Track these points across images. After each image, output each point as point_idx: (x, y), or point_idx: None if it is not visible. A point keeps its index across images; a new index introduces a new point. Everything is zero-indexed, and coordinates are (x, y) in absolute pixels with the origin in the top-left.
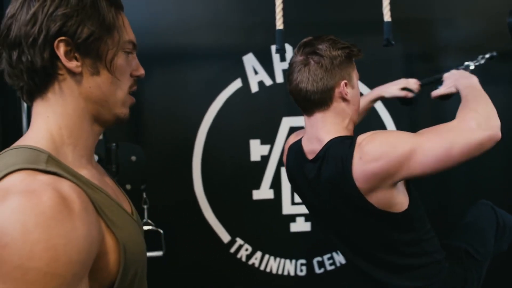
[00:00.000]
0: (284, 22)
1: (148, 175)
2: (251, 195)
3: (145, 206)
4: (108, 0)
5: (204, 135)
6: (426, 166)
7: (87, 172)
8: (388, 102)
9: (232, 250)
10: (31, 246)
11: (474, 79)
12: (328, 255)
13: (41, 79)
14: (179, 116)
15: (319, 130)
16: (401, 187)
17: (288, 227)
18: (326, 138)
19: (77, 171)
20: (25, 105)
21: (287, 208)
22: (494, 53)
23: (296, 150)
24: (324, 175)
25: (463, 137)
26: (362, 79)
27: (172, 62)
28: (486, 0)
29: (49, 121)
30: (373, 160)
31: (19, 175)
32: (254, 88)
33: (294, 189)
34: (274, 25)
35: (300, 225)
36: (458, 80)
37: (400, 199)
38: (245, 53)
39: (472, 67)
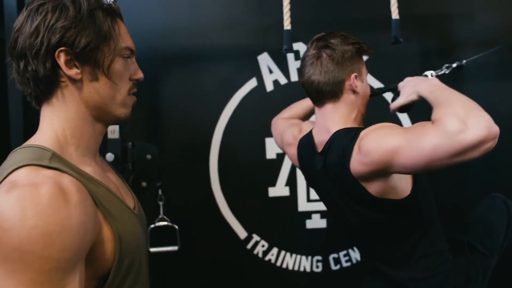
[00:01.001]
0: (299, 22)
1: (166, 172)
2: (267, 192)
3: (161, 203)
4: (105, 11)
5: (220, 134)
6: (411, 166)
7: (90, 169)
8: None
9: (249, 246)
10: (28, 231)
11: (435, 81)
12: (344, 252)
13: (45, 86)
14: (196, 115)
15: (328, 121)
16: (402, 175)
17: (304, 224)
18: (334, 128)
19: (80, 167)
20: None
21: (303, 205)
22: (463, 62)
23: (306, 142)
24: (329, 165)
25: (444, 142)
26: (376, 74)
27: (189, 63)
28: None
29: (54, 123)
30: (365, 154)
31: (25, 170)
32: (269, 87)
33: (307, 181)
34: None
35: (316, 222)
36: (417, 85)
37: (400, 187)
38: (260, 52)
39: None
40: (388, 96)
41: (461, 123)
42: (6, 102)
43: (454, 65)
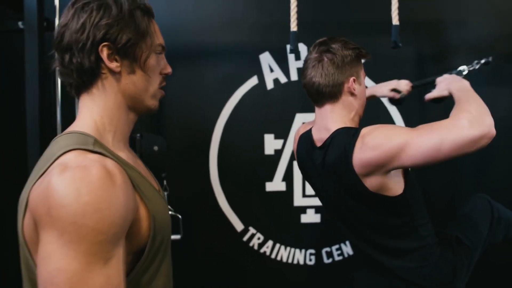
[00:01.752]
0: (299, 23)
1: (168, 164)
2: (264, 186)
3: (166, 193)
4: (142, 10)
5: (221, 129)
6: (416, 159)
7: (124, 154)
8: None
9: (245, 238)
10: (83, 207)
11: (466, 83)
12: (337, 246)
13: (88, 77)
14: (198, 110)
15: (328, 120)
16: (396, 173)
17: (299, 218)
18: (334, 127)
19: (116, 153)
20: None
21: (298, 200)
22: (490, 58)
23: (306, 138)
24: (329, 160)
25: (454, 134)
26: (375, 77)
27: (192, 60)
28: (496, 1)
29: (94, 112)
30: (370, 150)
31: (73, 153)
32: (270, 85)
33: (303, 176)
34: (289, 25)
35: (311, 217)
36: (451, 83)
37: (394, 185)
38: (262, 51)
39: (465, 72)
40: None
41: (471, 119)
42: (23, 94)
43: (483, 61)
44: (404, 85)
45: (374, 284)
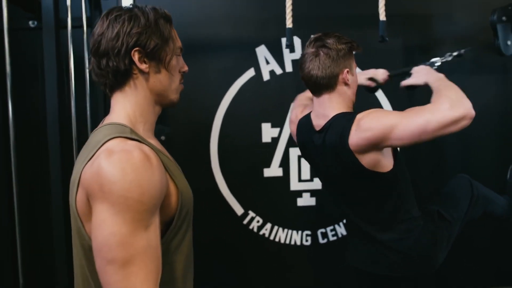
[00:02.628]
0: (294, 17)
1: (170, 152)
2: (262, 172)
3: None
4: (164, 19)
5: (220, 119)
6: (404, 138)
7: (153, 142)
8: (387, 90)
9: (245, 221)
10: (129, 183)
11: (442, 75)
12: (331, 227)
13: (122, 77)
14: (199, 101)
15: (326, 108)
16: (387, 152)
17: (295, 202)
18: (331, 114)
19: (147, 140)
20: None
21: (295, 185)
22: (462, 51)
23: (305, 123)
24: (328, 142)
25: (437, 116)
26: (364, 67)
27: (191, 53)
28: None
29: (126, 106)
30: (364, 131)
31: (115, 140)
32: (266, 76)
33: (305, 157)
34: (285, 19)
35: (306, 200)
36: (428, 75)
37: (385, 162)
38: (258, 45)
39: (438, 64)
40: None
41: (451, 104)
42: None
43: (455, 53)
44: (381, 74)
45: (365, 253)
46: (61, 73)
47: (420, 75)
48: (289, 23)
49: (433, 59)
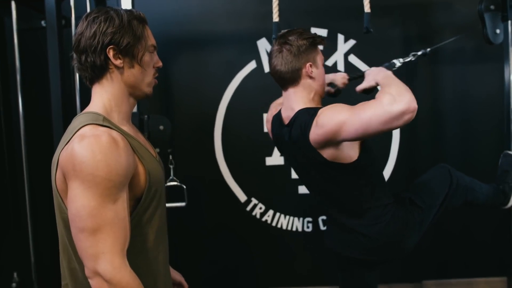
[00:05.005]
0: (289, 10)
1: (176, 143)
2: (264, 161)
3: (171, 166)
4: (138, 20)
5: (224, 109)
6: (353, 134)
7: (126, 128)
8: None
9: (248, 208)
10: (97, 163)
11: (389, 73)
12: None
13: (99, 71)
14: (203, 93)
15: (292, 101)
16: (349, 144)
17: (297, 189)
18: (297, 107)
19: (120, 127)
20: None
21: (295, 173)
22: (427, 50)
23: (277, 118)
24: (293, 136)
25: (378, 112)
26: (366, 57)
27: (196, 47)
28: None
29: (103, 97)
30: (319, 127)
31: (88, 127)
32: (267, 68)
33: (279, 151)
34: (285, 12)
35: (305, 187)
36: (377, 75)
37: (347, 154)
38: (259, 38)
39: (398, 65)
40: None
41: (392, 99)
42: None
43: (419, 53)
44: (340, 78)
45: (339, 238)
46: (63, 68)
47: (370, 77)
48: (275, 17)
49: (394, 60)
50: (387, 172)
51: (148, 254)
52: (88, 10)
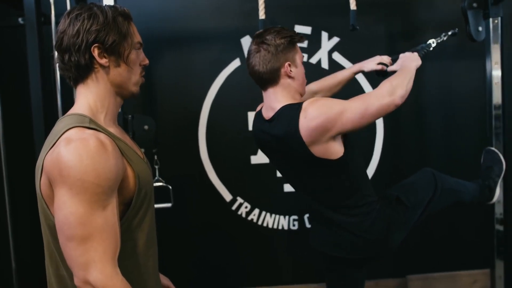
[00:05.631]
0: (276, 6)
1: (160, 142)
2: (249, 160)
3: (157, 166)
4: (122, 16)
5: (208, 108)
6: (354, 121)
7: (113, 130)
8: (369, 77)
9: (234, 207)
10: (85, 167)
11: (414, 64)
12: None
13: (84, 71)
14: (187, 91)
15: (272, 101)
16: (337, 139)
17: (282, 188)
18: (278, 106)
19: (107, 128)
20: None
21: None
22: (456, 30)
23: (258, 117)
24: (277, 132)
25: (375, 100)
26: (350, 54)
27: (179, 45)
28: None
29: (89, 98)
30: (314, 118)
31: (74, 130)
32: None
33: (260, 149)
34: (268, 9)
35: (290, 184)
36: (404, 61)
37: (335, 149)
38: (243, 35)
39: (434, 45)
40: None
41: (389, 88)
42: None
43: (450, 32)
44: (386, 58)
45: (325, 236)
46: (44, 66)
47: (400, 61)
48: (261, 15)
49: (430, 41)
50: (371, 168)
51: (138, 259)
52: (68, 7)
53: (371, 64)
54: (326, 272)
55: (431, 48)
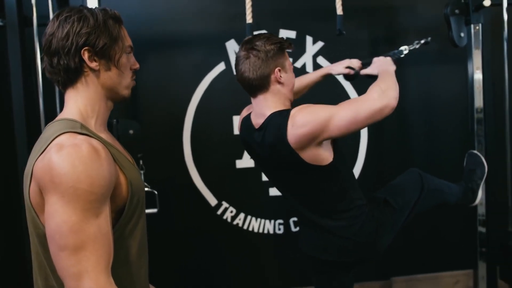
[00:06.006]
0: (259, 11)
1: (145, 146)
2: (234, 164)
3: (142, 172)
4: (113, 19)
5: (192, 112)
6: (342, 128)
7: (104, 135)
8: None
9: (219, 212)
10: (78, 174)
11: (392, 67)
12: None
13: (73, 75)
14: (171, 96)
15: (262, 108)
16: (326, 145)
17: (268, 192)
18: (268, 112)
19: (98, 134)
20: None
21: None
22: (429, 39)
23: (246, 123)
24: (267, 140)
25: (366, 105)
26: (333, 57)
27: (163, 49)
28: None
29: (78, 102)
30: (301, 126)
31: (65, 135)
32: None
33: (249, 155)
34: (254, 14)
35: (278, 190)
36: (381, 66)
37: (325, 155)
38: (228, 39)
39: (406, 52)
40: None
41: (379, 93)
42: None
43: (423, 41)
44: (355, 62)
45: (314, 241)
46: (27, 71)
47: (374, 65)
48: (249, 19)
49: (401, 47)
50: (356, 173)
51: (131, 267)
52: (50, 8)
53: (339, 67)
54: (315, 276)
55: (403, 55)
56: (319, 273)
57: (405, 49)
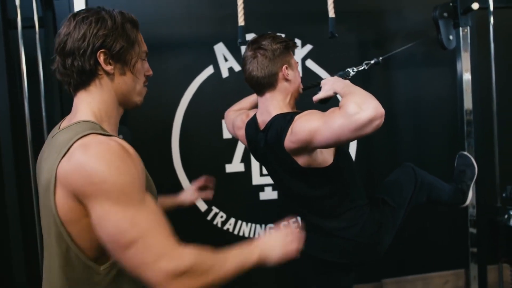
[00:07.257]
0: (249, 14)
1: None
2: (224, 168)
3: None
4: (131, 23)
5: (181, 116)
6: (325, 142)
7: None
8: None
9: (209, 217)
10: (116, 170)
11: (347, 82)
12: (293, 220)
13: (87, 77)
14: (159, 99)
15: (269, 106)
16: (324, 149)
17: (258, 196)
18: (274, 112)
19: None
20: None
21: (256, 179)
22: (380, 59)
23: (252, 123)
24: (269, 141)
25: (349, 120)
26: (322, 61)
27: (151, 52)
28: None
29: (92, 105)
30: (294, 134)
31: (89, 136)
32: (225, 73)
33: (254, 156)
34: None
35: (268, 194)
36: (335, 84)
37: (322, 159)
38: (216, 42)
39: (352, 73)
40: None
41: (357, 107)
42: None
43: (372, 61)
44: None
45: (315, 242)
46: (12, 73)
47: (327, 87)
48: (241, 21)
49: (348, 69)
50: None
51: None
52: (35, 11)
53: None
54: (315, 278)
55: (349, 77)
56: (319, 273)
57: (352, 70)
